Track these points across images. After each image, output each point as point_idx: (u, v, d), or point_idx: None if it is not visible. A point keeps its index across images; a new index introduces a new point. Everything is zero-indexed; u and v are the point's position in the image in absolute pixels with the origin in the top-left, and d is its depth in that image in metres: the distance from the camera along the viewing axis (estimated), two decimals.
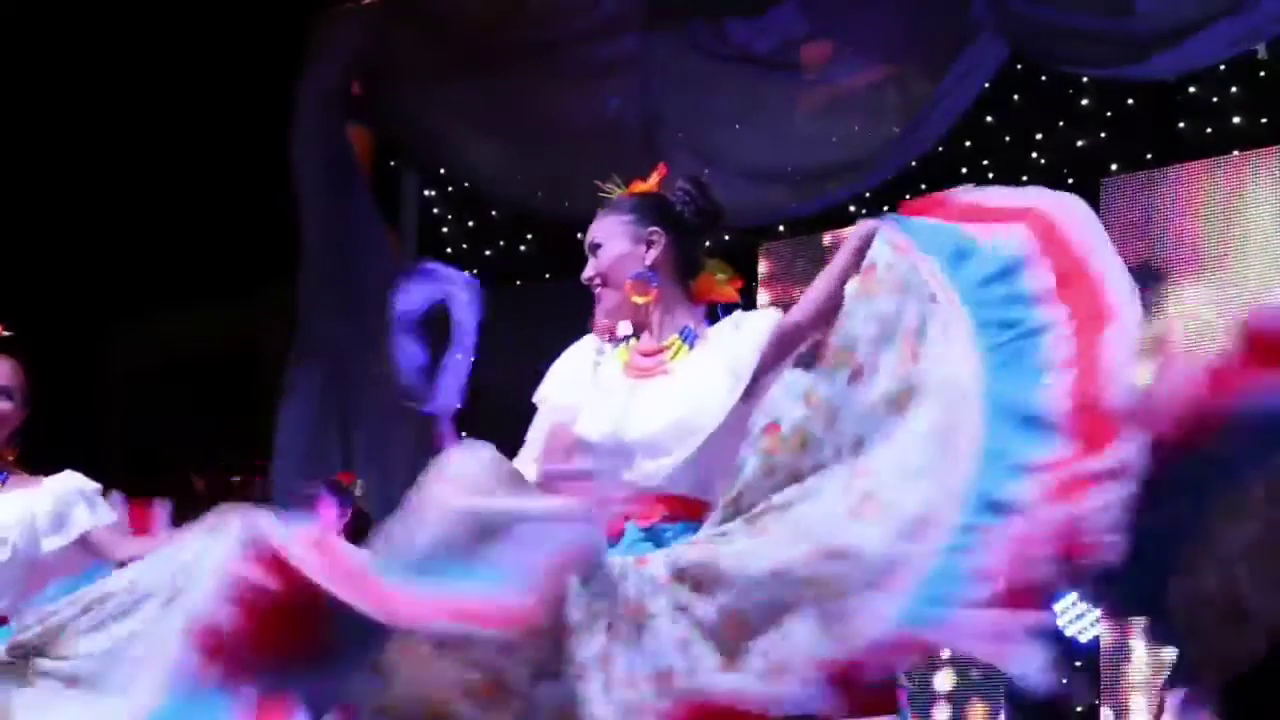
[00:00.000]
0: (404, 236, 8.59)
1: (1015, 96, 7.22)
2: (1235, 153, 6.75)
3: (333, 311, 8.26)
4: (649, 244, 3.69)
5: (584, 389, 3.68)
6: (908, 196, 7.51)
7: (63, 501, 4.69)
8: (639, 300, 3.66)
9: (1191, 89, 6.84)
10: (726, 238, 7.93)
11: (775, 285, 7.70)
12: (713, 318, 3.72)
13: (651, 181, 3.85)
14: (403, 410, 8.18)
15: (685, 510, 3.50)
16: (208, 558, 4.15)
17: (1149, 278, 5.09)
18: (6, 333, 4.71)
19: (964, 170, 7.33)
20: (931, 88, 7.01)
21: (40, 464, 5.41)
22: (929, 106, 7.03)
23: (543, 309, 8.39)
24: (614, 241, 3.72)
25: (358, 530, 6.09)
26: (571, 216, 8.14)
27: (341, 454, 8.13)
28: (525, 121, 7.85)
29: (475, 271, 8.69)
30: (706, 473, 3.49)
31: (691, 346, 3.63)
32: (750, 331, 3.57)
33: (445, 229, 8.73)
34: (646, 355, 3.67)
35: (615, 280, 3.70)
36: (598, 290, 3.73)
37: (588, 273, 3.74)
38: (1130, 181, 6.95)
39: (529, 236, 8.57)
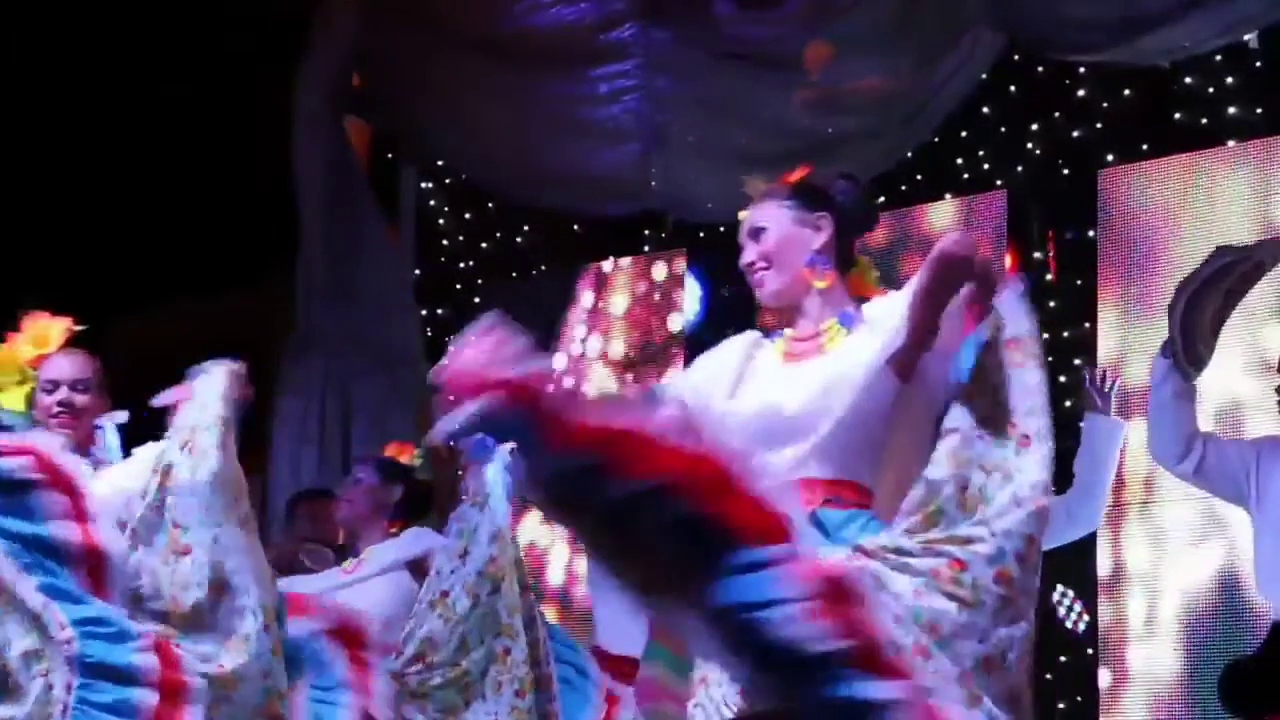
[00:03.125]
0: (402, 229, 8.59)
1: (1011, 87, 7.23)
2: (1231, 143, 6.76)
3: (331, 304, 8.27)
4: (817, 228, 3.61)
5: (728, 379, 3.62)
6: (904, 188, 7.59)
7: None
8: (820, 285, 3.58)
9: (1187, 80, 6.85)
10: (723, 229, 7.97)
11: None
12: None
13: (799, 176, 3.74)
14: (400, 398, 8.22)
15: (843, 494, 3.43)
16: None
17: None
18: (80, 327, 4.71)
19: (960, 161, 7.34)
20: (928, 79, 7.02)
21: None
22: (925, 98, 7.05)
23: (539, 301, 8.42)
24: (779, 225, 3.61)
25: (417, 503, 5.85)
26: (568, 209, 8.18)
27: (340, 446, 8.14)
28: (523, 114, 7.85)
29: (472, 263, 8.73)
30: (857, 456, 3.43)
31: (850, 331, 3.55)
32: (889, 311, 3.50)
33: (442, 221, 8.74)
34: (802, 341, 3.59)
35: (782, 262, 3.60)
36: (759, 274, 3.62)
37: (748, 257, 3.63)
38: (1126, 172, 6.96)
39: (526, 229, 8.57)
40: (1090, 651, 6.69)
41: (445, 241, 8.74)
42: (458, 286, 8.74)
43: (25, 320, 4.70)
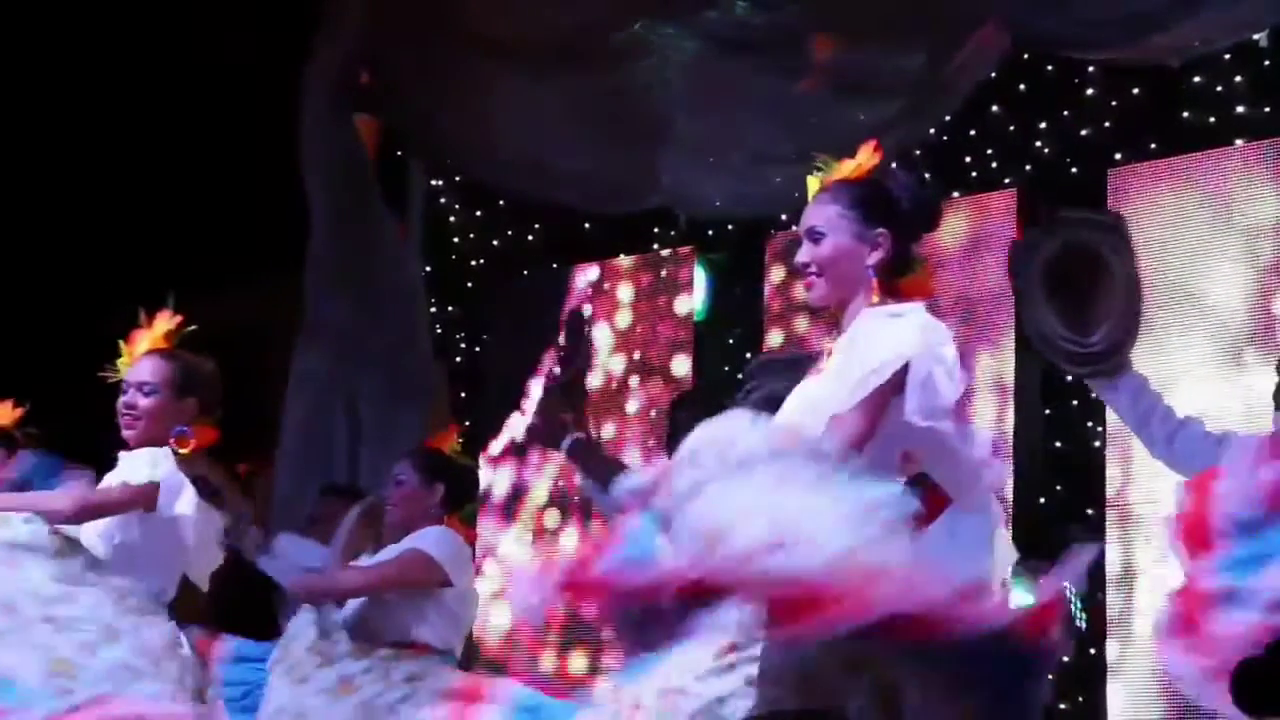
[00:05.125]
0: (411, 225, 8.59)
1: (1020, 86, 7.22)
2: (1239, 142, 6.74)
3: (339, 300, 8.28)
4: (875, 245, 3.59)
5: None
6: None
7: None
8: (875, 300, 3.57)
9: (1196, 78, 6.83)
10: (730, 226, 7.98)
11: (779, 272, 7.71)
12: None
13: (867, 159, 3.75)
14: (409, 395, 8.22)
15: None
16: None
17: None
18: (191, 327, 4.73)
19: (968, 159, 7.33)
20: (935, 76, 7.01)
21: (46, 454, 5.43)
22: (932, 95, 7.03)
23: (549, 298, 8.41)
24: (837, 235, 3.60)
25: (462, 493, 5.67)
26: (578, 206, 8.17)
27: (348, 440, 8.15)
28: (532, 111, 7.85)
29: (482, 261, 8.73)
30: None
31: None
32: (870, 349, 3.47)
33: (452, 218, 8.74)
34: (828, 356, 3.63)
35: (832, 274, 3.60)
36: (810, 279, 3.63)
37: (803, 258, 3.63)
38: (1135, 171, 6.94)
39: (536, 226, 8.57)
40: (1093, 651, 6.68)
41: (455, 238, 8.75)
42: (468, 284, 8.74)
43: (155, 318, 4.73)
